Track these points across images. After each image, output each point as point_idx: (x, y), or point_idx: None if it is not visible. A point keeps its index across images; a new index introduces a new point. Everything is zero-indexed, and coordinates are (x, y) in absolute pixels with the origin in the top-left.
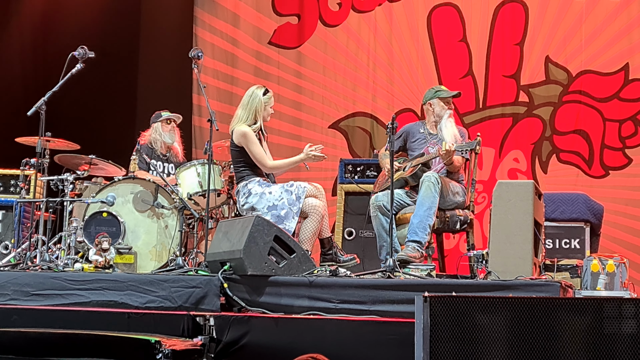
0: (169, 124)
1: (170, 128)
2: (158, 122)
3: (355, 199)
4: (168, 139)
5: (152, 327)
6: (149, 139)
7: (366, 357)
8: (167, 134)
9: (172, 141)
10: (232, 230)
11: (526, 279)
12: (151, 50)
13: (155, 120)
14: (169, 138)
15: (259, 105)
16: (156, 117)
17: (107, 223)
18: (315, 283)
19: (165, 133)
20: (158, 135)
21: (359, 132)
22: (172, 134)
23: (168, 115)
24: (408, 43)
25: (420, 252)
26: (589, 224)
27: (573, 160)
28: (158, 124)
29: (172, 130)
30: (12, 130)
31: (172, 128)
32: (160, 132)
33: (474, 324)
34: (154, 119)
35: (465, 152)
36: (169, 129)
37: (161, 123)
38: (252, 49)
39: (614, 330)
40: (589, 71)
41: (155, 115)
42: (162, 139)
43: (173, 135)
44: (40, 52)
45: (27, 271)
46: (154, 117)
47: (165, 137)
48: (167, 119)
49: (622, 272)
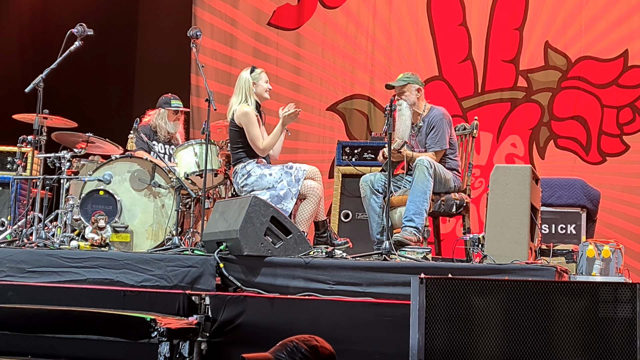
0: (175, 114)
1: (175, 118)
2: (165, 110)
3: (352, 181)
4: (171, 128)
5: (147, 305)
6: (151, 121)
7: (361, 337)
8: (172, 124)
9: (174, 131)
10: (228, 210)
11: (522, 263)
12: (150, 30)
13: (163, 106)
14: (173, 128)
15: (246, 84)
16: (164, 103)
17: (104, 201)
18: (311, 264)
19: (170, 122)
20: (163, 122)
21: (356, 114)
22: (176, 124)
23: (177, 107)
24: (407, 26)
25: (417, 236)
26: (585, 210)
27: (570, 146)
28: (165, 112)
29: (177, 121)
30: (10, 107)
31: (178, 119)
32: (166, 120)
33: (469, 306)
34: (162, 104)
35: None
36: (174, 119)
37: (168, 112)
38: (251, 29)
39: (609, 314)
40: (588, 57)
41: (164, 100)
42: (165, 127)
43: (177, 125)
44: (38, 29)
45: (23, 248)
46: (162, 101)
47: (169, 127)
48: (175, 110)
49: (618, 258)
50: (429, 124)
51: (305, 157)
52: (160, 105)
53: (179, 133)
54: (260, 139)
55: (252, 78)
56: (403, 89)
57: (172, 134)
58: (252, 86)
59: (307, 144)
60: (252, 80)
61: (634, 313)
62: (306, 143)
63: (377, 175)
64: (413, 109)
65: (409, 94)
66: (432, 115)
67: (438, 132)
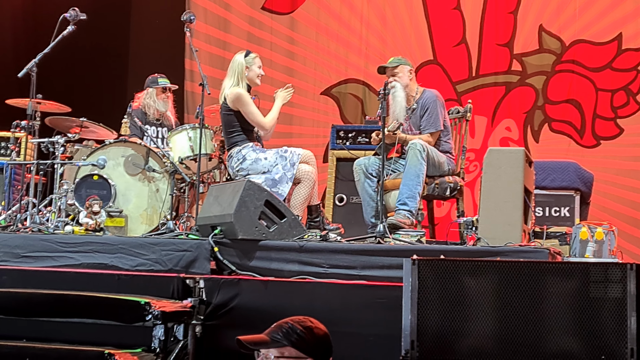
0: (164, 92)
1: (164, 96)
2: (153, 88)
3: (347, 165)
4: (161, 107)
5: (141, 289)
6: (141, 103)
7: (355, 320)
8: (161, 102)
9: (165, 109)
10: (223, 194)
11: (515, 245)
12: (143, 14)
13: (150, 85)
14: (163, 106)
15: (239, 68)
16: (152, 82)
17: (98, 186)
18: (306, 248)
19: (160, 101)
20: (152, 101)
21: (350, 98)
22: (165, 102)
23: (164, 84)
24: (401, 10)
25: (410, 219)
26: (579, 192)
27: (565, 129)
28: (153, 90)
29: (166, 99)
30: (3, 92)
31: (167, 96)
32: (154, 99)
33: (461, 287)
34: (150, 83)
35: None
36: (163, 97)
37: (156, 90)
38: (245, 14)
39: (600, 294)
40: (582, 40)
41: (151, 80)
42: (155, 105)
43: (167, 103)
44: (30, 14)
45: (18, 233)
46: (150, 80)
47: (159, 105)
48: (162, 87)
49: (611, 240)
50: (423, 106)
51: (300, 141)
52: (147, 85)
53: (169, 111)
54: (261, 116)
55: (246, 62)
56: (395, 70)
57: (162, 112)
58: (244, 70)
59: (302, 128)
60: (246, 64)
61: (624, 293)
62: (300, 127)
63: (371, 159)
64: (406, 91)
65: (402, 75)
66: (425, 97)
67: (432, 114)
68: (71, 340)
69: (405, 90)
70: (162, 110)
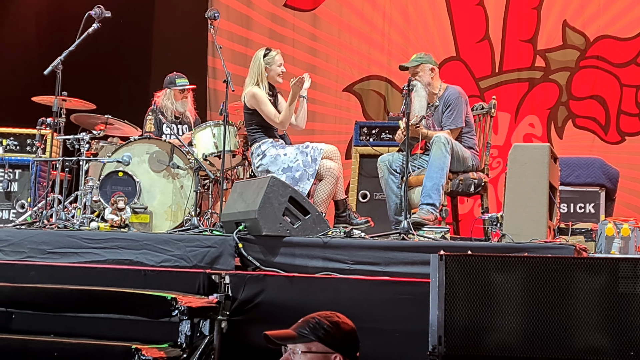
0: (182, 93)
1: (182, 97)
2: (171, 90)
3: (370, 162)
4: (180, 107)
5: (168, 284)
6: (160, 104)
7: (381, 315)
8: (179, 103)
9: (183, 110)
10: (247, 190)
11: (540, 241)
12: (166, 11)
13: (168, 86)
14: (181, 107)
15: (259, 69)
16: (170, 83)
17: (123, 183)
18: (330, 244)
19: (178, 102)
20: (169, 102)
21: (373, 95)
22: (184, 102)
23: (183, 85)
24: (424, 6)
25: (434, 214)
26: (604, 189)
27: (589, 125)
28: (171, 91)
29: (184, 99)
30: (29, 89)
31: (185, 97)
32: (172, 100)
33: (489, 282)
34: (167, 84)
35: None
36: (181, 97)
37: (174, 91)
38: (267, 11)
39: (628, 290)
40: (607, 36)
41: (169, 80)
42: (173, 107)
43: (185, 104)
44: (56, 12)
45: (44, 230)
46: (167, 81)
47: (177, 106)
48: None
49: (637, 237)
50: (445, 103)
51: (322, 138)
52: (166, 86)
53: (189, 111)
54: (274, 115)
55: (265, 62)
56: (416, 69)
57: (181, 112)
58: (264, 71)
59: (324, 125)
60: (265, 64)
61: None
62: (322, 124)
63: (395, 155)
64: (428, 89)
65: (423, 74)
66: (448, 93)
67: (454, 111)
68: (98, 336)
69: (428, 88)
70: (180, 111)
